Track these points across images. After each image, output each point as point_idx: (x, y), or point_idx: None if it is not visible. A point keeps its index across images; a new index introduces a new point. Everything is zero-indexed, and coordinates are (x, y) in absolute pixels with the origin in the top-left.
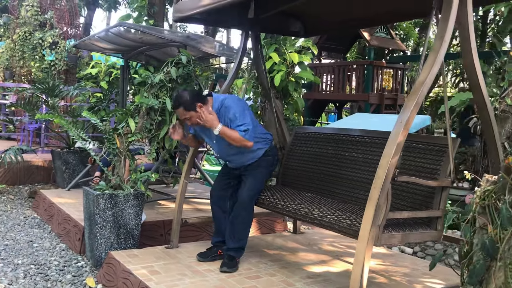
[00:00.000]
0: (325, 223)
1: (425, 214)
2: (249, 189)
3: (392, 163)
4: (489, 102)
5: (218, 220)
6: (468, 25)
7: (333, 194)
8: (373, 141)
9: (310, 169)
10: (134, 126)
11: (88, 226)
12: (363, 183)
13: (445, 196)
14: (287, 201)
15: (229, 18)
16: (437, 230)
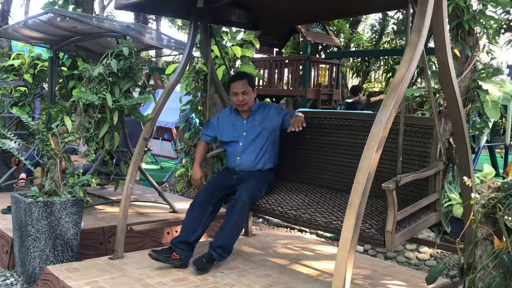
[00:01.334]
0: (332, 229)
1: (426, 202)
2: (250, 189)
3: (373, 165)
4: (460, 99)
5: (192, 223)
6: (443, 19)
7: (331, 183)
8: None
9: (296, 157)
10: (70, 125)
11: (19, 237)
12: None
13: (439, 178)
14: (285, 207)
15: (176, 7)
16: (436, 211)
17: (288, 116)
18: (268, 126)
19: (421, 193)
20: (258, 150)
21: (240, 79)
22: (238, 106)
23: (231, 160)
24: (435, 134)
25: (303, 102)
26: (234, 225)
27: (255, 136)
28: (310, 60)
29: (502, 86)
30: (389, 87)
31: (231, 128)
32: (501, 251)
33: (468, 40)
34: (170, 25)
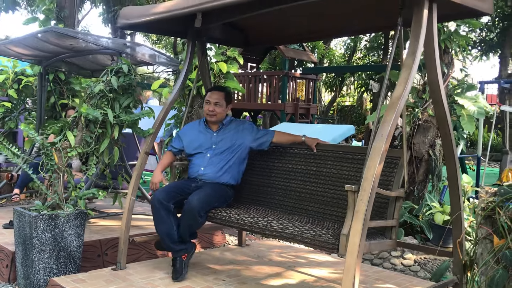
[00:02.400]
0: (287, 235)
1: (383, 223)
2: (202, 195)
3: (377, 175)
4: (449, 117)
5: (166, 224)
6: (434, 43)
7: (282, 206)
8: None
9: (255, 182)
10: (73, 139)
11: (22, 251)
12: (312, 195)
13: (399, 206)
14: (242, 215)
15: (175, 28)
16: (391, 239)
17: (262, 135)
18: (239, 142)
19: (378, 219)
20: (224, 163)
21: (218, 91)
22: (207, 115)
23: (194, 169)
24: (400, 165)
25: (281, 116)
26: (184, 226)
27: (224, 150)
28: (288, 76)
29: (476, 101)
30: (389, 102)
31: (199, 140)
32: (502, 247)
33: (444, 58)
34: (144, 39)
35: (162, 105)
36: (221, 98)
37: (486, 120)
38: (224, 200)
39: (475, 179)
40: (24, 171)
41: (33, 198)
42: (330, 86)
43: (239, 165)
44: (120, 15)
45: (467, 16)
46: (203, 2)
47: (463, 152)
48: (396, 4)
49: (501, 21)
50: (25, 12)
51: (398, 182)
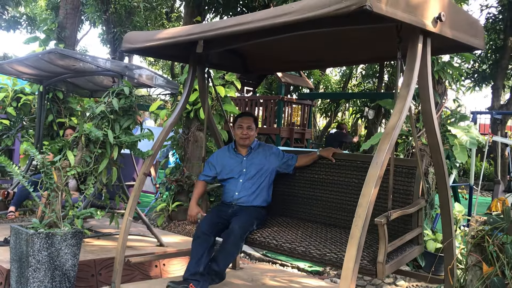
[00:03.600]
0: (326, 261)
1: (411, 236)
2: (242, 222)
3: (371, 202)
4: (441, 146)
5: (198, 253)
6: (428, 75)
7: (311, 216)
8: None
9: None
10: (73, 159)
11: (18, 268)
12: (338, 204)
13: (421, 213)
14: (280, 240)
15: (177, 53)
16: (419, 245)
17: (287, 159)
18: (267, 167)
19: (405, 227)
20: (256, 187)
21: (249, 116)
22: (240, 139)
23: (228, 195)
24: (418, 174)
25: (276, 140)
26: (226, 254)
27: (254, 174)
28: (284, 100)
29: (468, 131)
30: (384, 132)
31: (230, 166)
32: (490, 274)
33: (437, 88)
34: (141, 60)
35: (158, 126)
36: (252, 122)
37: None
38: (260, 221)
39: (468, 208)
40: (20, 189)
41: (28, 216)
42: (325, 112)
43: (269, 188)
44: (124, 40)
45: (460, 50)
46: (205, 30)
47: (456, 181)
48: (392, 37)
49: (494, 53)
50: (25, 31)
51: (418, 191)
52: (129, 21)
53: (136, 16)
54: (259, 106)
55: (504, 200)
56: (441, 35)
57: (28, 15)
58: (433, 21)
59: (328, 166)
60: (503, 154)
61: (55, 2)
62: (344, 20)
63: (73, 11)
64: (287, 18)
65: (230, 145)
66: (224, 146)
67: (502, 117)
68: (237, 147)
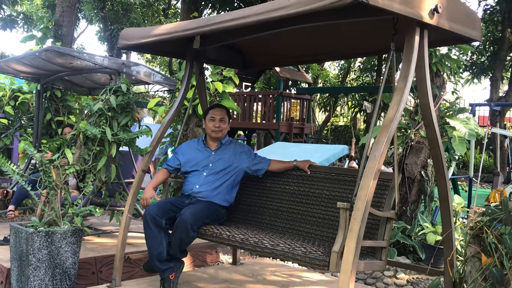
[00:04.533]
0: (278, 252)
1: (374, 244)
2: (194, 210)
3: (370, 195)
4: (440, 139)
5: (155, 239)
6: (425, 67)
7: (273, 226)
8: (313, 176)
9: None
10: (71, 157)
11: (18, 267)
12: (303, 216)
13: (389, 227)
14: (233, 232)
15: (174, 49)
16: (381, 260)
17: (259, 162)
18: (236, 165)
19: (370, 237)
20: (219, 184)
21: (221, 108)
22: (212, 132)
23: (189, 187)
24: (392, 187)
25: (276, 135)
26: (178, 240)
27: (220, 169)
28: (282, 95)
29: (467, 123)
30: (382, 124)
31: (196, 159)
32: (489, 265)
33: (436, 81)
34: (139, 57)
35: (157, 123)
36: (225, 114)
37: (478, 141)
38: (216, 218)
39: (467, 200)
40: (20, 188)
41: (27, 214)
42: (324, 106)
43: (233, 187)
44: (121, 36)
45: (457, 42)
46: (202, 25)
47: (455, 173)
48: (389, 30)
49: (492, 44)
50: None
51: (389, 204)
52: (126, 18)
53: (133, 13)
54: (257, 102)
55: (502, 191)
56: (438, 27)
57: (24, 14)
58: (429, 13)
59: (301, 178)
60: (502, 146)
61: (52, 0)
62: (340, 13)
63: (69, 8)
64: (284, 12)
65: (200, 138)
66: (194, 139)
67: (501, 109)
68: (206, 140)
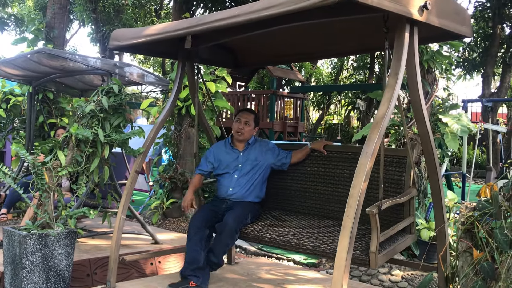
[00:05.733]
0: (319, 252)
1: (403, 224)
2: (236, 215)
3: (362, 192)
4: (431, 135)
5: (195, 248)
6: (415, 63)
7: (303, 208)
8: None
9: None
10: (64, 159)
11: (11, 270)
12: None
13: (413, 203)
14: (273, 233)
15: (166, 49)
16: (411, 233)
17: (282, 157)
18: (262, 163)
19: (397, 217)
20: (251, 183)
21: (249, 112)
22: (235, 133)
23: (223, 190)
24: (408, 164)
25: (270, 134)
26: (222, 245)
27: (249, 169)
28: (276, 94)
29: (459, 119)
30: (374, 122)
31: (226, 161)
32: (481, 260)
33: (427, 77)
34: (131, 59)
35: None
36: (251, 119)
37: (471, 137)
38: (253, 215)
39: (461, 196)
40: (12, 191)
41: (21, 218)
42: (318, 105)
43: (263, 184)
44: (112, 37)
45: (447, 38)
46: (193, 25)
47: (448, 169)
48: (380, 27)
49: (483, 41)
50: (13, 32)
51: (409, 180)
52: (118, 19)
53: (125, 14)
54: (251, 101)
55: (492, 186)
56: (428, 23)
57: (16, 16)
58: (419, 9)
59: (320, 159)
60: (495, 142)
61: (43, 2)
62: (330, 11)
63: (60, 10)
64: (274, 10)
65: (227, 140)
66: (220, 141)
67: (493, 105)
68: (233, 142)
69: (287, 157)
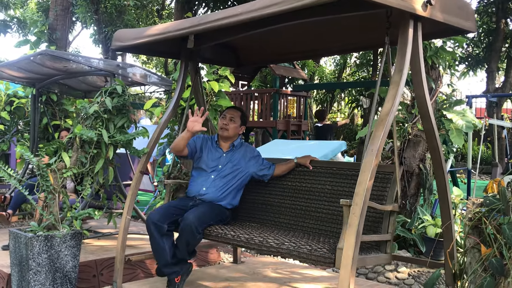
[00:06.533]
0: (283, 250)
1: (377, 238)
2: (198, 212)
3: (368, 189)
4: (436, 131)
5: (158, 245)
6: (419, 59)
7: (277, 223)
8: (315, 171)
9: (250, 200)
10: (68, 160)
11: (18, 272)
12: (307, 212)
13: (393, 220)
14: (237, 231)
15: (168, 49)
16: (386, 253)
17: (265, 168)
18: (244, 169)
19: (374, 231)
20: (226, 187)
21: (236, 109)
22: (220, 129)
23: (196, 188)
24: (394, 180)
25: (273, 133)
26: (184, 244)
27: (228, 173)
28: (279, 93)
29: (464, 115)
30: (378, 119)
31: (208, 157)
32: (489, 256)
33: (431, 73)
34: (134, 59)
35: (154, 124)
36: (237, 116)
37: (476, 133)
38: (220, 219)
39: (467, 192)
40: (17, 193)
41: (26, 219)
42: (321, 103)
43: (238, 191)
44: (114, 38)
45: (451, 34)
46: (195, 24)
47: (453, 165)
48: (383, 23)
49: (487, 36)
50: (16, 35)
51: (392, 197)
52: (120, 20)
53: (127, 14)
54: (254, 100)
55: (500, 181)
56: (432, 19)
57: (18, 18)
58: (423, 5)
59: (303, 173)
60: (500, 137)
61: (46, 4)
62: (333, 8)
63: (63, 12)
64: (276, 8)
65: (214, 137)
66: (210, 135)
67: (498, 100)
68: (219, 140)
69: (270, 168)
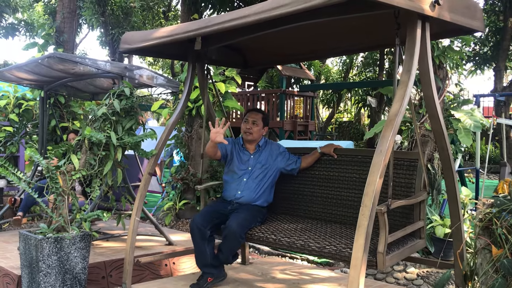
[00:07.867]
0: (325, 254)
1: (412, 228)
2: (240, 218)
3: (377, 190)
4: (445, 130)
5: (199, 247)
6: (428, 60)
7: (310, 213)
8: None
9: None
10: (77, 162)
11: (29, 274)
12: (340, 201)
13: (423, 206)
14: (278, 235)
15: (176, 51)
16: (421, 238)
17: (292, 163)
18: (272, 166)
19: (407, 221)
20: (259, 188)
21: (257, 112)
22: (244, 133)
23: (230, 193)
24: (419, 167)
25: (280, 134)
26: (228, 248)
27: (259, 173)
28: (286, 93)
29: (472, 114)
30: (387, 119)
31: (237, 160)
32: (500, 257)
33: (439, 73)
34: (141, 61)
35: (161, 125)
36: (259, 118)
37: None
38: (260, 220)
39: (475, 192)
40: (27, 195)
41: (36, 221)
42: (328, 103)
43: (271, 188)
44: (122, 40)
45: (459, 33)
46: (202, 26)
47: (461, 165)
48: (390, 24)
49: (494, 35)
50: (23, 37)
51: (420, 184)
52: (127, 22)
53: (133, 16)
54: (261, 100)
55: (510, 182)
56: (440, 19)
57: (26, 21)
58: (430, 5)
59: (329, 162)
60: (508, 136)
61: (53, 7)
62: (340, 8)
63: (70, 15)
64: (284, 10)
65: (239, 139)
66: (238, 137)
67: (506, 99)
68: (244, 143)
69: (296, 162)
